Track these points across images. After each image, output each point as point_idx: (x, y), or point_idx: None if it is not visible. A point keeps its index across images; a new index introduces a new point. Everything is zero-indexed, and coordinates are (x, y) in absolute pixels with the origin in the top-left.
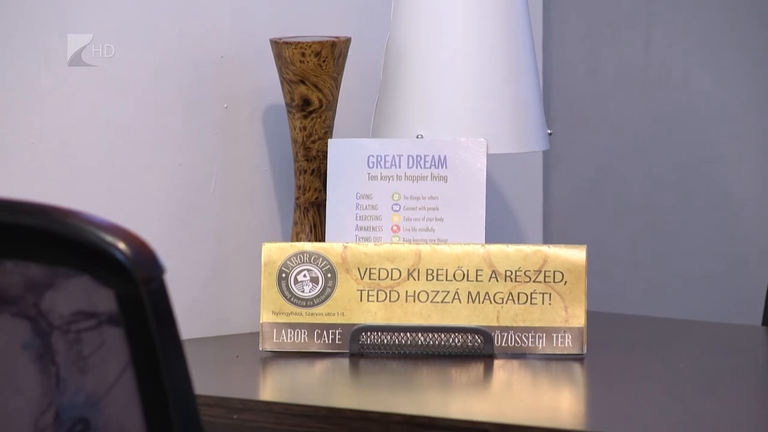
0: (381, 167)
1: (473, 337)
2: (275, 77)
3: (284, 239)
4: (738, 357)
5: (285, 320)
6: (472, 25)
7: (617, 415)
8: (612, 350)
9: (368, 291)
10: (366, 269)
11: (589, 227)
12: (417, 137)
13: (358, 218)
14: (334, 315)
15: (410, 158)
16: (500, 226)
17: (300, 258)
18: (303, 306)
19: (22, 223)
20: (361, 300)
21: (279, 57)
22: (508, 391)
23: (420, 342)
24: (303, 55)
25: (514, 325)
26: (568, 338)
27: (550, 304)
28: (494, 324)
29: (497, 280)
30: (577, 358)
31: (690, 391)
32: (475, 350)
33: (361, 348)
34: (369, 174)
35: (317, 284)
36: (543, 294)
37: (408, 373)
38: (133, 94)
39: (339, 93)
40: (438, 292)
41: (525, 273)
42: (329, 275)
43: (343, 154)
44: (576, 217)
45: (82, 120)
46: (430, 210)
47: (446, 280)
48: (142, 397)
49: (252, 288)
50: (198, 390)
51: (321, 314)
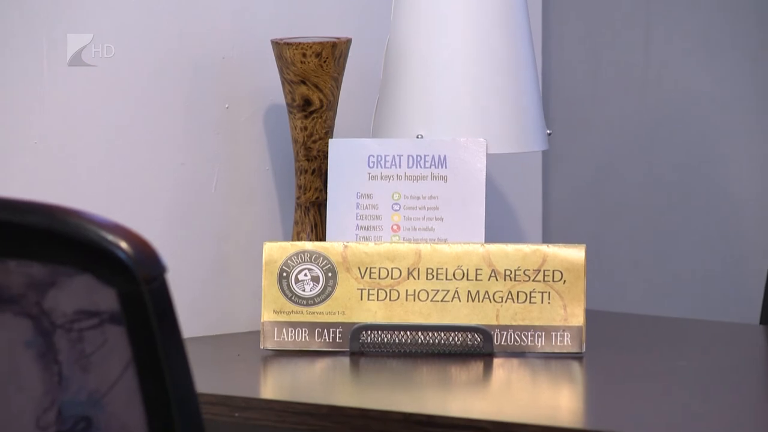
0: (381, 167)
1: (473, 336)
2: (276, 77)
3: (285, 238)
4: (736, 356)
5: (286, 319)
6: (471, 25)
7: (616, 413)
8: (611, 349)
9: (368, 290)
10: (366, 268)
11: (589, 227)
12: (417, 137)
13: (358, 218)
14: (334, 314)
15: (410, 158)
16: (500, 226)
17: (301, 257)
18: (304, 305)
19: (24, 223)
20: (361, 299)
21: (280, 58)
22: (507, 389)
23: (420, 341)
24: (304, 55)
25: (514, 324)
26: (567, 337)
27: (549, 303)
28: (494, 323)
29: (497, 280)
30: (576, 357)
31: (689, 390)
32: (474, 349)
33: (362, 347)
34: (369, 174)
35: (318, 283)
36: (542, 293)
37: (408, 372)
38: (134, 94)
39: (339, 93)
40: (438, 291)
41: (524, 272)
42: (330, 274)
43: (344, 154)
44: (575, 217)
45: (83, 120)
46: (430, 209)
47: (446, 279)
48: (143, 395)
49: (253, 287)
50: (199, 388)
51: (322, 313)
